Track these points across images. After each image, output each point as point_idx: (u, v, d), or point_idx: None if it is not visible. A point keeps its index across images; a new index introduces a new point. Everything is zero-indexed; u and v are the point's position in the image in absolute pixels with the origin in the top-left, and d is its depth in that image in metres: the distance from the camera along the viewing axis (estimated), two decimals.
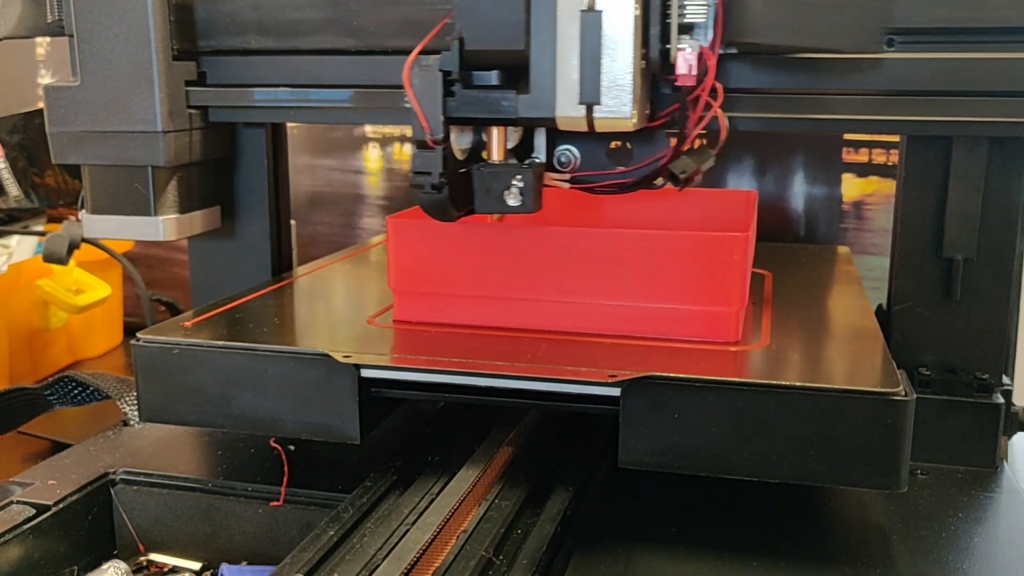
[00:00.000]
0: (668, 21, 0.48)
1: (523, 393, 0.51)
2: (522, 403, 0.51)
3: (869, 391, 0.46)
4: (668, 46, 0.48)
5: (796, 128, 0.56)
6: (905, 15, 0.51)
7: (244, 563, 0.55)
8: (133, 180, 0.63)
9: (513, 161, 0.52)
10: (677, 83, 0.48)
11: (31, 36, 0.63)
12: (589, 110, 0.47)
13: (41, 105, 0.63)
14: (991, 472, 0.58)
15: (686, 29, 0.48)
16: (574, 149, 0.54)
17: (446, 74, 0.48)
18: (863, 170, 0.93)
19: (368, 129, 1.03)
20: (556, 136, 0.54)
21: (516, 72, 0.49)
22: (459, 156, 0.51)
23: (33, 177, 1.07)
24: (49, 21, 0.61)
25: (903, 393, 0.45)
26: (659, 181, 0.53)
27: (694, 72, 0.47)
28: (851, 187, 0.93)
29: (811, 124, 0.55)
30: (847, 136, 0.92)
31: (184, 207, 0.65)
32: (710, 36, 0.48)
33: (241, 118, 0.65)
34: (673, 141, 0.52)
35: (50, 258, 0.78)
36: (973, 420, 0.59)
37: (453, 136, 0.50)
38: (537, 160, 0.54)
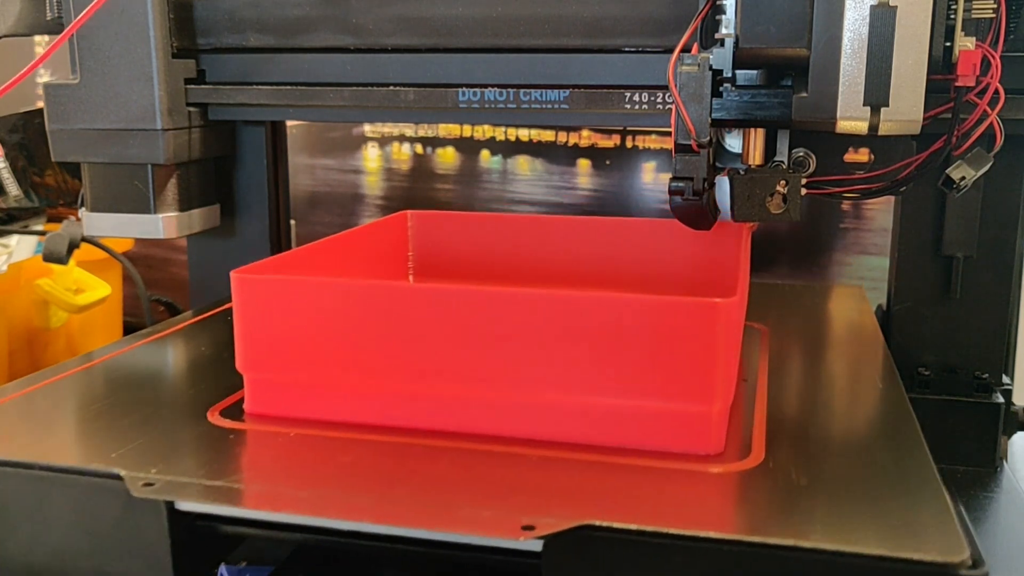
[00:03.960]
0: (952, 17, 0.44)
1: (404, 539, 0.36)
2: (403, 550, 0.36)
3: (925, 561, 0.30)
4: (950, 44, 0.44)
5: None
6: None
7: (243, 563, 0.55)
8: (133, 178, 0.63)
9: (774, 165, 0.49)
10: (958, 84, 0.45)
11: (30, 34, 0.63)
12: (874, 112, 0.43)
13: (41, 105, 0.63)
14: (991, 472, 0.58)
15: (970, 27, 0.45)
16: (810, 152, 0.50)
17: (716, 73, 0.45)
18: (863, 169, 0.93)
19: (367, 128, 1.03)
20: (791, 138, 0.50)
21: (783, 72, 0.46)
22: None
23: (33, 176, 1.07)
24: (48, 19, 0.61)
25: (971, 562, 0.31)
26: (904, 187, 0.49)
27: (977, 72, 0.44)
28: None
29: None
30: None
31: (184, 205, 0.65)
32: (994, 34, 0.45)
33: (240, 116, 0.65)
34: (933, 145, 0.48)
35: (50, 257, 0.78)
36: (973, 420, 0.58)
37: None
38: (784, 164, 0.50)
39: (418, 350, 0.42)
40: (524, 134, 0.95)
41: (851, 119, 0.44)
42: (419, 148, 1.00)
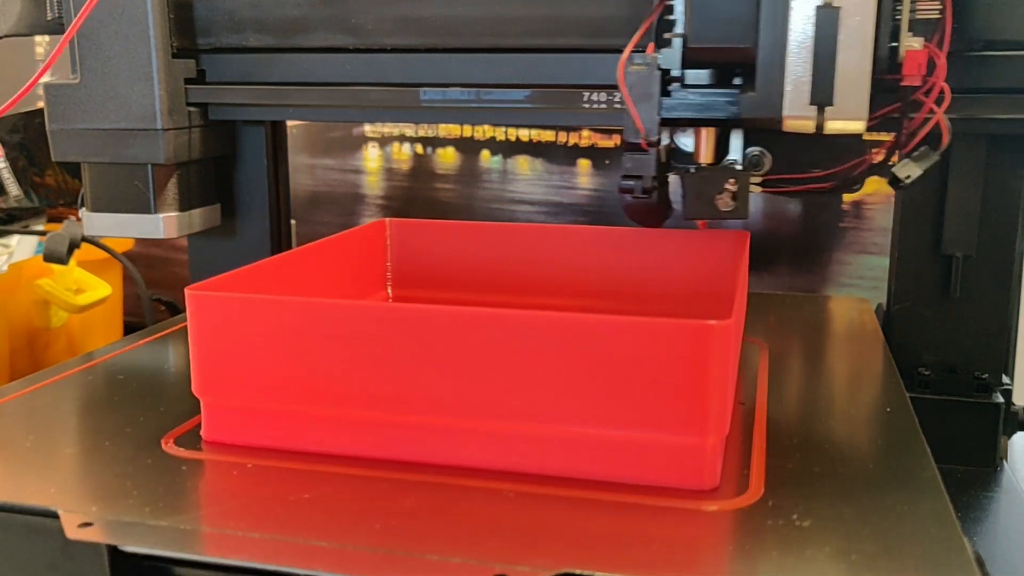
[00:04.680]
0: (898, 18, 0.45)
1: None
2: None
3: None
4: (896, 44, 0.45)
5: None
6: None
7: None
8: (133, 178, 0.63)
9: (728, 164, 0.49)
10: (904, 83, 0.45)
11: (31, 34, 0.63)
12: (820, 111, 0.44)
13: (41, 105, 0.63)
14: (991, 472, 0.58)
15: (915, 27, 0.46)
16: (765, 151, 0.52)
17: (664, 72, 0.45)
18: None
19: (367, 128, 1.03)
20: (746, 137, 0.51)
21: (731, 71, 0.46)
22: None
23: (33, 177, 1.07)
24: (49, 19, 0.61)
25: None
26: (858, 185, 0.50)
27: (923, 72, 0.45)
28: None
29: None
30: None
31: (184, 205, 0.65)
32: (940, 34, 0.46)
33: (240, 116, 0.65)
34: (880, 147, 0.49)
35: (50, 257, 0.78)
36: (973, 420, 0.58)
37: None
38: (734, 162, 0.51)
39: (386, 374, 0.39)
40: (524, 134, 0.95)
41: (797, 118, 0.44)
42: (419, 148, 1.00)
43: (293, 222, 0.74)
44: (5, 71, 1.16)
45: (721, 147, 0.50)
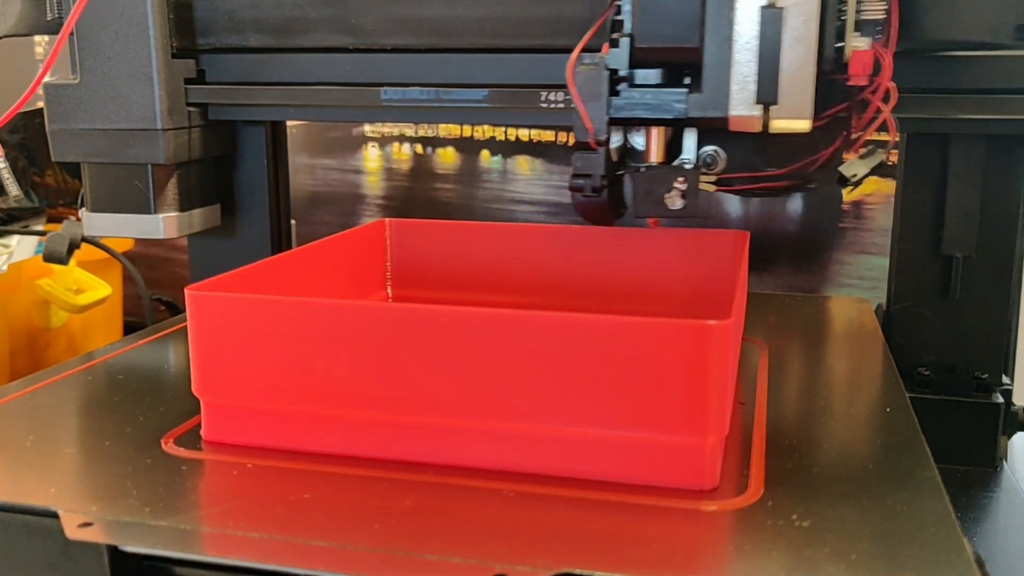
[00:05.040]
0: (844, 18, 0.45)
1: None
2: None
3: None
4: (842, 44, 0.46)
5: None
6: None
7: None
8: (133, 178, 0.63)
9: (677, 163, 0.50)
10: (850, 83, 0.46)
11: (31, 34, 0.63)
12: (765, 110, 0.45)
13: (41, 105, 0.63)
14: (991, 472, 0.58)
15: (862, 27, 0.46)
16: (720, 150, 0.52)
17: (612, 72, 0.46)
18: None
19: (367, 128, 1.03)
20: (700, 136, 0.51)
21: (680, 71, 0.47)
22: (612, 158, 0.49)
23: (33, 177, 1.07)
24: (49, 19, 0.61)
25: None
26: (813, 184, 0.51)
27: (868, 71, 0.45)
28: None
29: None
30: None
31: (184, 205, 0.65)
32: (886, 34, 0.46)
33: (240, 116, 0.65)
34: (835, 143, 0.49)
35: (50, 258, 0.78)
36: (973, 420, 0.58)
37: None
38: (686, 161, 0.51)
39: (386, 374, 0.39)
40: (524, 134, 0.95)
41: (743, 117, 0.45)
42: (419, 148, 1.00)
43: (293, 222, 0.74)
44: (5, 71, 1.16)
45: (674, 146, 0.51)
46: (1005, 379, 0.60)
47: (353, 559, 0.32)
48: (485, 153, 0.97)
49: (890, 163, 0.92)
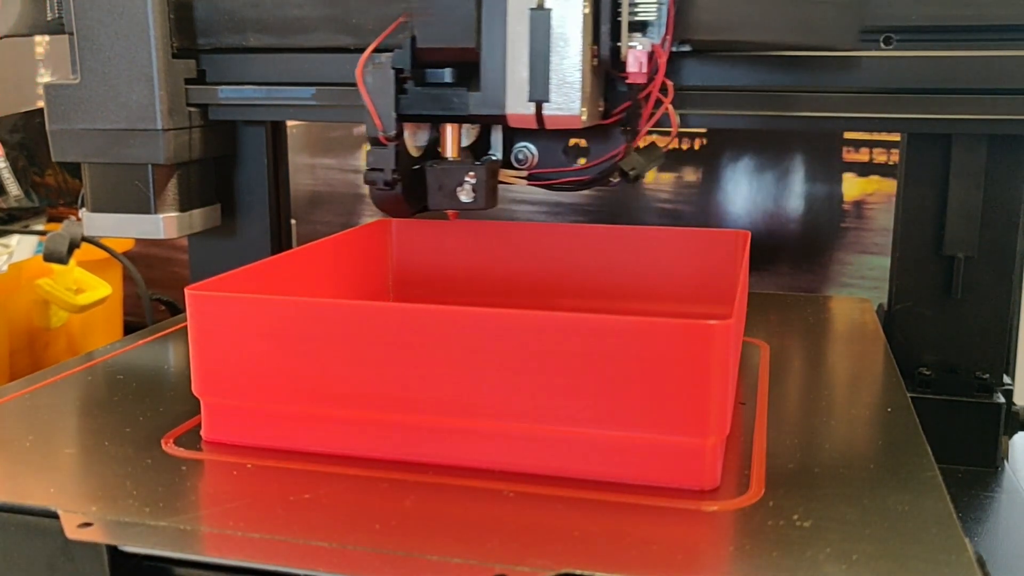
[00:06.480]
0: (619, 19, 0.48)
1: None
2: None
3: None
4: (619, 44, 0.48)
5: (749, 125, 0.55)
6: (902, 13, 0.51)
7: None
8: (133, 178, 0.63)
9: (468, 158, 0.52)
10: (628, 81, 0.48)
11: (31, 34, 0.63)
12: (539, 108, 0.47)
13: (41, 104, 0.63)
14: (992, 472, 0.58)
15: (638, 27, 0.49)
16: (531, 147, 0.54)
17: (398, 72, 0.48)
18: (864, 169, 0.93)
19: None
20: (513, 134, 0.55)
21: (470, 70, 0.49)
22: (414, 153, 0.52)
23: (33, 176, 1.07)
24: (49, 19, 0.61)
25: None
26: (615, 179, 0.52)
27: (644, 70, 0.48)
28: (852, 186, 0.93)
29: (763, 120, 0.55)
30: (847, 135, 0.92)
31: (184, 205, 0.65)
32: (662, 34, 0.48)
33: (240, 116, 0.65)
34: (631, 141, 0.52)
35: (50, 257, 0.78)
36: (974, 420, 0.58)
37: (408, 134, 0.51)
38: (492, 157, 0.54)
39: (386, 374, 0.39)
40: None
41: (519, 113, 0.48)
42: None
43: (293, 222, 0.74)
44: (5, 71, 1.16)
45: (482, 142, 0.55)
46: (1006, 379, 0.60)
47: (353, 559, 0.32)
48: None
49: (890, 162, 0.92)
